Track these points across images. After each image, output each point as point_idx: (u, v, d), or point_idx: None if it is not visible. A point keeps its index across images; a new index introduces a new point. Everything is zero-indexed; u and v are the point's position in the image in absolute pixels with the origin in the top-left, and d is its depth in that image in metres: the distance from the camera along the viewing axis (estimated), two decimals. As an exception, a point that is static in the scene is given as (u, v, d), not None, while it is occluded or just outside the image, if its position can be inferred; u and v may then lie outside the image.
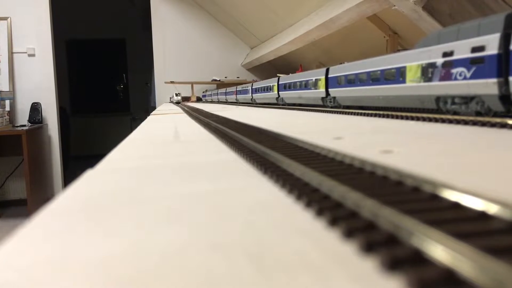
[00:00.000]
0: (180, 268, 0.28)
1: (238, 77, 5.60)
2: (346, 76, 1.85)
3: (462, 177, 0.52)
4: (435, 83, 1.18)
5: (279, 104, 2.99)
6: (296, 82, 2.51)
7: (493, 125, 0.98)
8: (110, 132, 7.24)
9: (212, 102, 5.29)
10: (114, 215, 0.41)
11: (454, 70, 1.10)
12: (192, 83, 5.45)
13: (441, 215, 0.32)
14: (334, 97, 2.02)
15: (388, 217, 0.31)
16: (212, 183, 0.54)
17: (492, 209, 0.32)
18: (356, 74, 1.73)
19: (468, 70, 1.05)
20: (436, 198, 0.37)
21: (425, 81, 1.23)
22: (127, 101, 8.28)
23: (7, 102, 4.49)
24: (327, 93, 2.07)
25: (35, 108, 4.55)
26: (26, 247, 0.34)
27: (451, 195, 0.36)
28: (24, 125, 4.40)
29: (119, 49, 8.09)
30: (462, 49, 1.07)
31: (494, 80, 0.97)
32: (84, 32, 7.65)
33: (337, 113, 1.84)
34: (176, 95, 4.91)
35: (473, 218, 0.31)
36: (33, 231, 0.38)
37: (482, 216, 0.32)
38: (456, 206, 0.34)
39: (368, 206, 0.33)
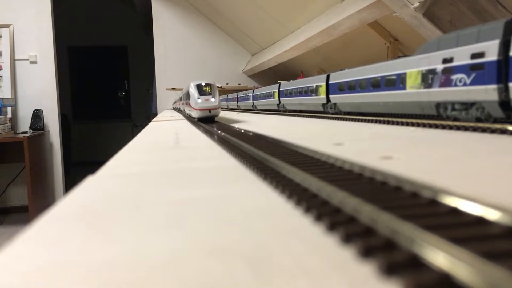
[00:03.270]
0: (179, 274, 0.28)
1: (239, 84, 5.61)
2: (346, 82, 1.85)
3: (462, 183, 0.52)
4: (435, 89, 1.19)
5: (280, 110, 2.99)
6: (297, 88, 2.51)
7: (493, 131, 0.98)
8: (112, 139, 7.25)
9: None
10: (114, 221, 0.42)
11: (454, 77, 1.11)
12: (193, 90, 5.45)
13: (439, 221, 0.32)
14: (335, 104, 2.03)
15: (386, 222, 0.31)
16: (212, 189, 0.55)
17: (490, 214, 0.32)
18: (357, 81, 1.74)
19: (468, 76, 1.05)
20: (434, 203, 0.37)
21: (425, 87, 1.24)
22: (129, 107, 8.29)
23: (9, 109, 4.50)
24: (328, 100, 2.08)
25: (37, 115, 4.56)
26: (26, 253, 0.34)
27: (449, 201, 0.36)
28: (26, 132, 4.40)
29: (121, 56, 8.12)
30: (462, 56, 1.08)
31: (494, 86, 0.98)
32: (86, 39, 7.69)
33: (338, 119, 1.84)
34: (203, 90, 1.78)
35: (471, 223, 0.32)
36: (34, 236, 0.38)
37: (480, 221, 0.32)
38: (455, 211, 0.34)
39: (367, 212, 0.33)
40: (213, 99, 1.73)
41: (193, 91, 1.76)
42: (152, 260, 0.31)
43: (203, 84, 1.76)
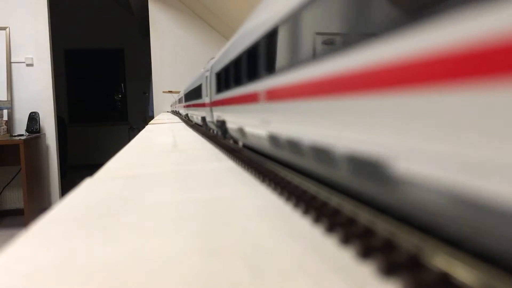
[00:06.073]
0: (178, 274, 0.29)
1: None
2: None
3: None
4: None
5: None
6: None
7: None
8: (108, 142, 7.25)
9: (210, 111, 5.27)
10: (112, 223, 0.42)
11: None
12: (190, 93, 5.44)
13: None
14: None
15: (384, 223, 0.31)
16: (210, 191, 0.55)
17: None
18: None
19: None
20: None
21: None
22: (125, 110, 8.28)
23: (5, 112, 4.49)
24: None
25: (33, 118, 4.55)
26: (26, 254, 0.34)
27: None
28: (22, 135, 4.39)
29: (118, 58, 8.12)
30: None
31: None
32: (83, 42, 7.69)
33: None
34: None
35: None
36: (33, 238, 0.38)
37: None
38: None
39: (365, 213, 0.34)
40: None
41: None
42: (152, 261, 0.31)
43: None
